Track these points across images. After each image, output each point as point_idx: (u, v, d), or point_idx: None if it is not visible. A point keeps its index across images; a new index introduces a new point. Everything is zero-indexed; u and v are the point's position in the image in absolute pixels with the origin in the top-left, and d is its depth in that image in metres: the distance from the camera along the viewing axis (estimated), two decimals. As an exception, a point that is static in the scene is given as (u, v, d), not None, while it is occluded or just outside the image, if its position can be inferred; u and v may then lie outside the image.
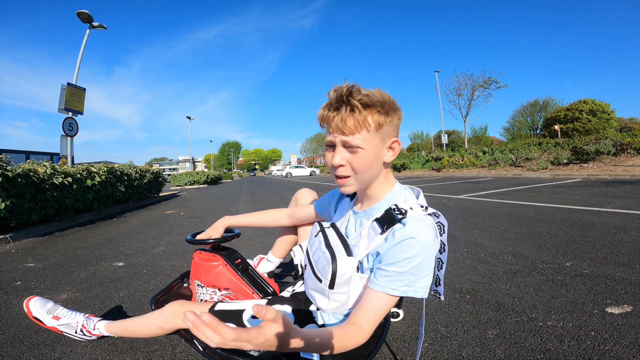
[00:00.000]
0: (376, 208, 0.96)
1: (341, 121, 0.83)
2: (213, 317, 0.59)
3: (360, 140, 0.84)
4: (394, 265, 0.82)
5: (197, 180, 20.78)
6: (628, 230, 2.90)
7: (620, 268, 2.01)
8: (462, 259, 2.39)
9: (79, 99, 8.20)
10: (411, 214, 0.87)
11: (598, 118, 31.86)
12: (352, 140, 0.84)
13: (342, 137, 0.84)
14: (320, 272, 0.94)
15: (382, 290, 0.83)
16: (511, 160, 15.74)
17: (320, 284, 0.94)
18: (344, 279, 0.90)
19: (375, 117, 0.84)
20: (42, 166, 4.94)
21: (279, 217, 1.43)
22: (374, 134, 0.85)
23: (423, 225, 0.84)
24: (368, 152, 0.85)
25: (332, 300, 0.94)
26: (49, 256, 3.17)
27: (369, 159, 0.86)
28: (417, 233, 0.82)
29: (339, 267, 0.89)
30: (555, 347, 1.26)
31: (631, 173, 8.94)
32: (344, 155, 0.87)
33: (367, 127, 0.84)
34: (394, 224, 0.86)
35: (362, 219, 1.00)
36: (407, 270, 0.82)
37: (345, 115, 0.82)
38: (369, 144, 0.85)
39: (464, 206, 5.03)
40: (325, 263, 0.91)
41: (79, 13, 8.76)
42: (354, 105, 0.82)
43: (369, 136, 0.84)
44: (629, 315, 1.45)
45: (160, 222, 5.09)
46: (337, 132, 0.85)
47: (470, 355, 1.25)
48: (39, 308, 1.37)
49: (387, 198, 0.96)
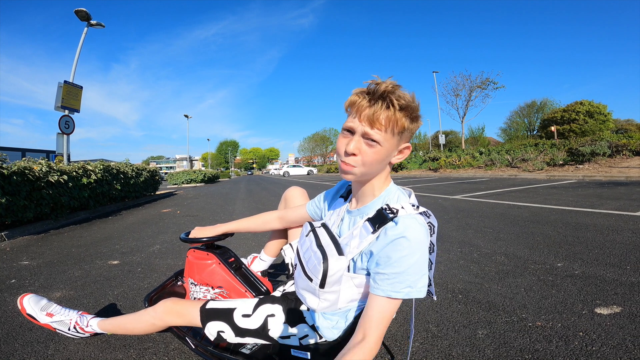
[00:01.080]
0: (369, 206, 0.97)
1: (373, 114, 0.83)
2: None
3: (381, 137, 0.84)
4: (390, 266, 0.82)
5: (194, 179, 20.73)
6: (620, 232, 2.93)
7: (611, 269, 2.04)
8: (455, 259, 2.41)
9: (75, 96, 8.16)
10: (402, 213, 0.87)
11: (595, 119, 32.01)
12: (375, 134, 0.84)
13: (368, 128, 0.84)
14: (311, 272, 0.94)
15: (384, 295, 0.82)
16: (507, 161, 15.80)
17: (310, 284, 0.94)
18: (335, 278, 0.90)
19: (403, 121, 0.85)
20: (37, 164, 4.92)
21: (269, 221, 1.42)
22: (396, 135, 0.87)
23: (415, 223, 0.85)
24: (383, 150, 0.86)
25: (323, 300, 0.94)
26: (44, 254, 3.17)
27: (381, 155, 0.87)
28: (409, 231, 0.83)
29: (330, 267, 0.89)
30: (544, 347, 1.28)
31: (626, 174, 9.01)
32: (359, 145, 0.87)
33: (395, 128, 0.85)
34: (385, 222, 0.87)
35: (355, 217, 1.00)
36: (404, 270, 0.81)
37: (380, 110, 0.83)
38: (387, 143, 0.86)
39: (459, 206, 5.05)
40: (317, 262, 0.92)
41: (77, 11, 8.71)
42: (392, 104, 0.83)
43: (390, 136, 0.86)
44: (617, 316, 1.47)
45: (156, 221, 5.08)
46: (365, 121, 0.85)
47: (460, 355, 1.26)
48: (33, 305, 1.37)
49: (380, 197, 0.97)
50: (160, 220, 5.17)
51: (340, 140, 0.91)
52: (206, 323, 1.12)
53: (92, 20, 9.04)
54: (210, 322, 1.11)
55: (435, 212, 4.53)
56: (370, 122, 0.84)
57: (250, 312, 1.10)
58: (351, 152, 0.87)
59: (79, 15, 8.82)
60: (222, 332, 1.10)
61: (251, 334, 1.09)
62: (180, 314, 1.16)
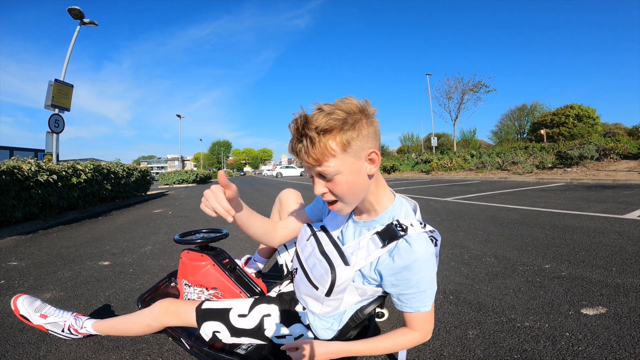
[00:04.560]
0: (377, 220, 0.97)
1: (305, 154, 0.82)
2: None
3: (331, 167, 0.82)
4: (413, 287, 0.88)
5: (186, 179, 20.56)
6: (607, 234, 2.99)
7: (597, 270, 2.09)
8: (446, 261, 2.44)
9: (66, 95, 8.05)
10: (412, 231, 0.89)
11: (584, 123, 32.62)
12: (324, 169, 0.83)
13: (316, 167, 0.84)
14: (317, 280, 0.95)
15: (414, 311, 0.90)
16: (498, 163, 16.00)
17: (316, 291, 0.95)
18: (342, 287, 0.92)
19: (338, 139, 0.80)
20: (26, 163, 4.84)
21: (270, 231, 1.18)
22: (343, 155, 0.82)
23: (426, 243, 0.89)
24: (345, 176, 0.84)
25: (326, 306, 0.96)
26: (33, 255, 3.12)
27: (348, 181, 0.85)
28: (422, 253, 0.87)
29: (337, 277, 0.91)
30: (532, 347, 1.31)
31: (613, 178, 9.19)
32: (323, 185, 0.88)
33: (332, 153, 0.81)
34: (396, 239, 0.89)
35: (362, 228, 1.00)
36: (427, 288, 0.88)
37: (308, 147, 0.81)
38: (342, 167, 0.83)
39: (450, 209, 5.11)
40: (324, 272, 0.92)
41: (70, 9, 8.58)
42: (311, 137, 0.80)
43: (338, 160, 0.82)
44: (602, 317, 1.51)
45: (148, 221, 5.04)
46: (307, 164, 0.85)
47: (452, 355, 1.28)
48: (27, 306, 1.36)
49: (388, 211, 0.97)
50: (152, 220, 5.13)
51: (314, 188, 0.91)
52: (202, 323, 1.12)
53: (85, 18, 8.94)
54: (205, 322, 1.12)
55: (426, 214, 4.58)
56: (309, 163, 0.83)
57: (246, 312, 1.11)
58: (320, 193, 0.88)
59: (72, 14, 8.70)
60: (217, 332, 1.11)
61: (247, 334, 1.09)
62: (177, 314, 1.16)
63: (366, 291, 0.96)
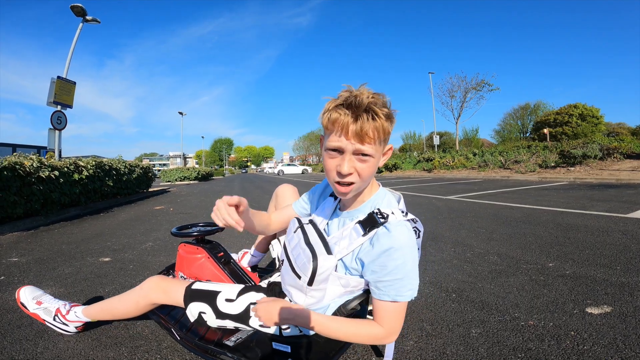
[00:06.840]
0: (360, 210, 0.99)
1: (362, 130, 0.80)
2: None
3: (373, 150, 0.84)
4: (389, 274, 0.85)
5: (188, 176, 20.59)
6: (611, 233, 2.96)
7: (601, 269, 2.06)
8: (449, 259, 2.42)
9: (68, 92, 8.05)
10: (392, 219, 0.89)
11: (587, 122, 32.49)
12: (368, 149, 0.83)
13: (359, 145, 0.82)
14: (299, 269, 0.95)
15: (390, 299, 0.87)
16: (500, 162, 15.94)
17: (299, 281, 0.95)
18: (323, 276, 0.92)
19: (389, 128, 0.85)
20: (28, 159, 4.84)
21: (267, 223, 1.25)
22: (383, 142, 0.87)
23: (406, 230, 0.88)
24: (375, 161, 0.87)
25: (309, 297, 0.95)
26: (34, 251, 3.12)
27: (375, 166, 0.88)
28: (402, 239, 0.86)
29: (319, 265, 0.90)
30: (536, 346, 1.29)
31: (617, 177, 9.14)
32: (353, 164, 0.85)
33: (383, 137, 0.85)
34: (376, 227, 0.89)
35: (345, 219, 1.02)
36: (404, 276, 0.85)
37: (367, 124, 0.80)
38: (377, 153, 0.86)
39: (452, 207, 5.08)
40: (306, 260, 0.93)
41: (72, 7, 8.56)
42: (377, 116, 0.81)
43: (379, 146, 0.86)
44: (608, 316, 1.49)
45: (149, 218, 5.04)
46: (354, 139, 0.82)
47: (455, 354, 1.26)
48: (27, 294, 1.43)
49: (370, 200, 0.98)
50: (153, 217, 5.12)
51: (329, 162, 0.88)
52: (189, 303, 1.14)
53: (87, 16, 8.93)
54: (192, 303, 1.13)
55: (428, 213, 4.56)
56: (360, 138, 0.81)
57: (234, 297, 1.12)
58: (347, 173, 0.85)
59: (75, 11, 8.68)
60: (203, 313, 1.12)
61: (231, 318, 1.10)
62: (166, 291, 1.19)
63: (349, 282, 0.95)
